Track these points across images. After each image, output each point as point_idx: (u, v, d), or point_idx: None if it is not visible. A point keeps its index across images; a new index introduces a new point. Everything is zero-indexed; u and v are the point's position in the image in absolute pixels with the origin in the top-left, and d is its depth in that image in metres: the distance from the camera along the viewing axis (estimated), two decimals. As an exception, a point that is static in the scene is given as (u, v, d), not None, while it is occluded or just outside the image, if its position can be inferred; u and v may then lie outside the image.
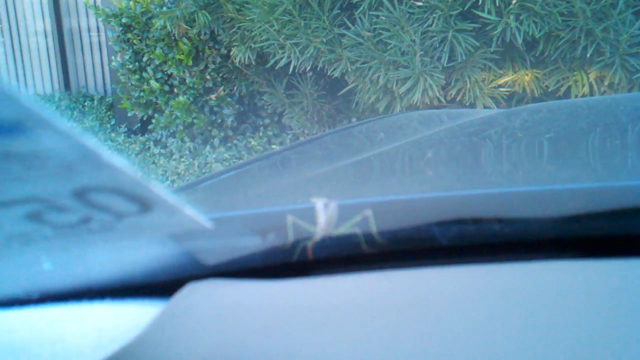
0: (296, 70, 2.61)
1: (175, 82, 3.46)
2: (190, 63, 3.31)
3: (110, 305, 0.41)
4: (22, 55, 5.54)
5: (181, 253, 0.42)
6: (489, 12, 2.07)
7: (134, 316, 0.40)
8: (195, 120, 3.39)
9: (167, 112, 3.47)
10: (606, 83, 2.18)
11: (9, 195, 0.20)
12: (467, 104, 2.31)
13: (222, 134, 3.51)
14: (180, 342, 0.34)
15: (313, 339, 0.33)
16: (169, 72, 3.44)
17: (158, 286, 0.42)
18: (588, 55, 2.07)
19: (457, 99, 2.34)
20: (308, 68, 2.58)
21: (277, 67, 2.68)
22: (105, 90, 5.26)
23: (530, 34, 2.07)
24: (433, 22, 2.17)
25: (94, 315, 0.40)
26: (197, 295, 0.39)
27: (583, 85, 2.18)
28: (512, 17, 2.04)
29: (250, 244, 0.43)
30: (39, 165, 0.19)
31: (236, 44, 2.84)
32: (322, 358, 0.31)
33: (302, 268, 0.44)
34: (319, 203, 0.43)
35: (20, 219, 0.22)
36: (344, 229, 0.43)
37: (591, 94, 2.17)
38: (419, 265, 0.41)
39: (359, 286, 0.39)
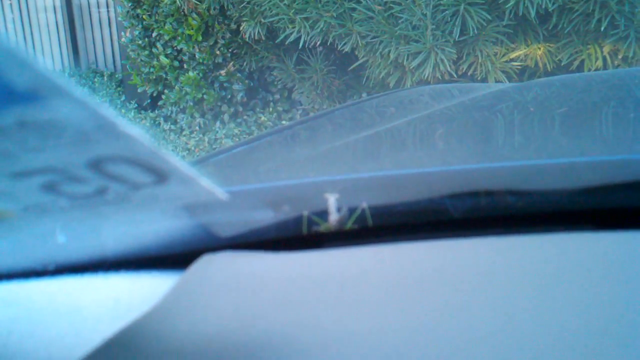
0: (306, 45, 2.59)
1: (185, 58, 3.45)
2: (200, 38, 3.29)
3: (125, 277, 0.41)
4: (31, 31, 5.53)
5: (196, 225, 0.43)
6: (502, -15, 2.04)
7: (149, 287, 0.40)
8: (205, 96, 3.38)
9: (176, 88, 3.47)
10: (620, 56, 2.15)
11: (25, 165, 0.20)
12: (478, 79, 2.29)
13: (232, 110, 3.50)
14: (195, 313, 0.34)
15: (327, 310, 0.33)
16: (178, 47, 3.43)
17: (173, 258, 0.42)
18: (602, 28, 2.04)
19: (469, 74, 2.32)
20: (318, 43, 2.56)
21: (287, 42, 2.66)
22: (115, 67, 5.25)
23: (543, 6, 2.04)
24: (444, -5, 2.15)
25: (110, 286, 0.40)
26: (212, 267, 0.39)
27: (596, 59, 2.15)
28: (525, -11, 2.01)
29: (264, 217, 0.43)
30: (55, 135, 0.18)
31: (246, 19, 2.82)
32: (336, 329, 0.31)
33: (316, 240, 0.44)
34: (331, 199, 0.44)
35: (36, 190, 0.22)
36: (350, 224, 0.44)
37: (605, 67, 2.15)
38: (433, 237, 0.41)
39: (372, 258, 0.39)
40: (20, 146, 0.19)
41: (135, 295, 0.39)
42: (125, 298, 0.39)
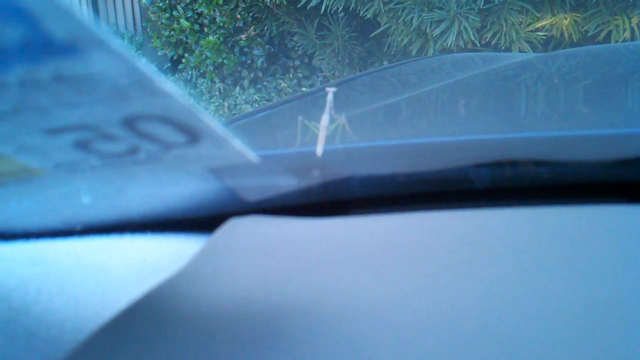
0: (328, 11, 2.56)
1: (206, 21, 3.43)
2: (221, 2, 3.26)
3: (152, 239, 0.41)
4: (52, -8, 5.50)
5: (223, 188, 0.43)
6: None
7: (176, 250, 0.40)
8: (225, 61, 3.37)
9: (197, 52, 3.45)
10: (649, 28, 2.11)
11: (58, 121, 0.20)
12: (502, 48, 2.25)
13: (252, 75, 3.48)
14: (222, 276, 0.34)
15: (352, 276, 0.33)
16: (199, 10, 3.40)
17: (200, 221, 0.42)
18: (631, -2, 2.00)
19: (492, 43, 2.28)
20: (340, 8, 2.52)
21: (308, 7, 2.63)
22: (135, 29, 5.23)
23: (572, -25, 2.00)
24: (471, -39, 2.11)
25: (137, 248, 0.41)
26: (239, 230, 0.40)
27: (624, 30, 2.10)
28: (553, -43, 1.96)
29: (291, 182, 0.43)
30: (91, 90, 0.18)
31: (267, -18, 2.79)
32: (361, 295, 0.32)
33: (341, 207, 0.44)
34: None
35: (68, 147, 0.22)
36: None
37: (632, 39, 2.10)
38: (458, 207, 0.41)
39: (397, 226, 0.39)
40: (55, 101, 0.18)
41: (162, 257, 0.40)
42: (152, 260, 0.39)
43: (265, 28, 3.29)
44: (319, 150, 0.45)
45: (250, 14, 3.31)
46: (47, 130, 0.21)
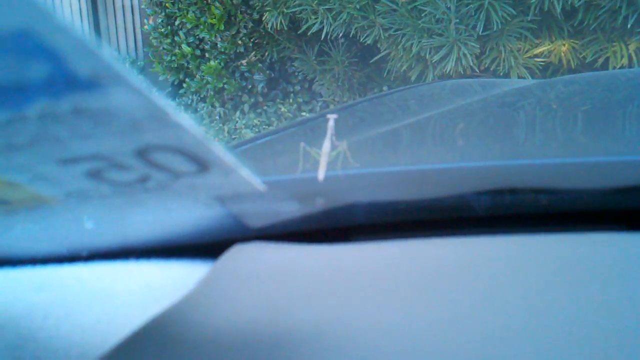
0: (328, 37, 2.59)
1: (207, 47, 3.46)
2: (222, 27, 3.29)
3: (157, 265, 0.42)
4: (55, 17, 5.53)
5: (227, 215, 0.43)
6: (528, -21, 2.02)
7: (180, 276, 0.41)
8: (225, 86, 3.39)
9: (198, 77, 3.47)
10: (646, 55, 2.12)
11: (73, 152, 0.20)
12: (500, 74, 2.27)
13: (252, 100, 3.50)
14: (227, 302, 0.35)
15: (356, 303, 0.34)
16: (200, 36, 3.43)
17: (204, 247, 0.43)
18: (629, 25, 2.02)
19: (491, 69, 2.30)
20: (340, 34, 2.55)
21: (309, 33, 2.65)
22: (137, 54, 5.27)
23: (569, 2, 2.02)
24: (469, -12, 2.13)
25: (142, 273, 0.41)
26: (243, 257, 0.40)
27: (622, 57, 2.12)
28: (551, -16, 1.99)
29: (293, 208, 0.43)
30: (107, 123, 0.19)
31: (268, 8, 2.82)
32: (365, 322, 0.32)
33: (345, 233, 0.44)
34: None
35: (80, 177, 0.23)
36: None
37: (630, 66, 2.12)
38: (459, 234, 0.42)
39: (399, 253, 0.39)
40: (72, 133, 0.19)
41: (167, 283, 0.40)
42: (157, 286, 0.39)
43: (266, 53, 3.32)
44: (321, 176, 0.46)
45: (251, 40, 3.34)
46: (62, 161, 0.21)
